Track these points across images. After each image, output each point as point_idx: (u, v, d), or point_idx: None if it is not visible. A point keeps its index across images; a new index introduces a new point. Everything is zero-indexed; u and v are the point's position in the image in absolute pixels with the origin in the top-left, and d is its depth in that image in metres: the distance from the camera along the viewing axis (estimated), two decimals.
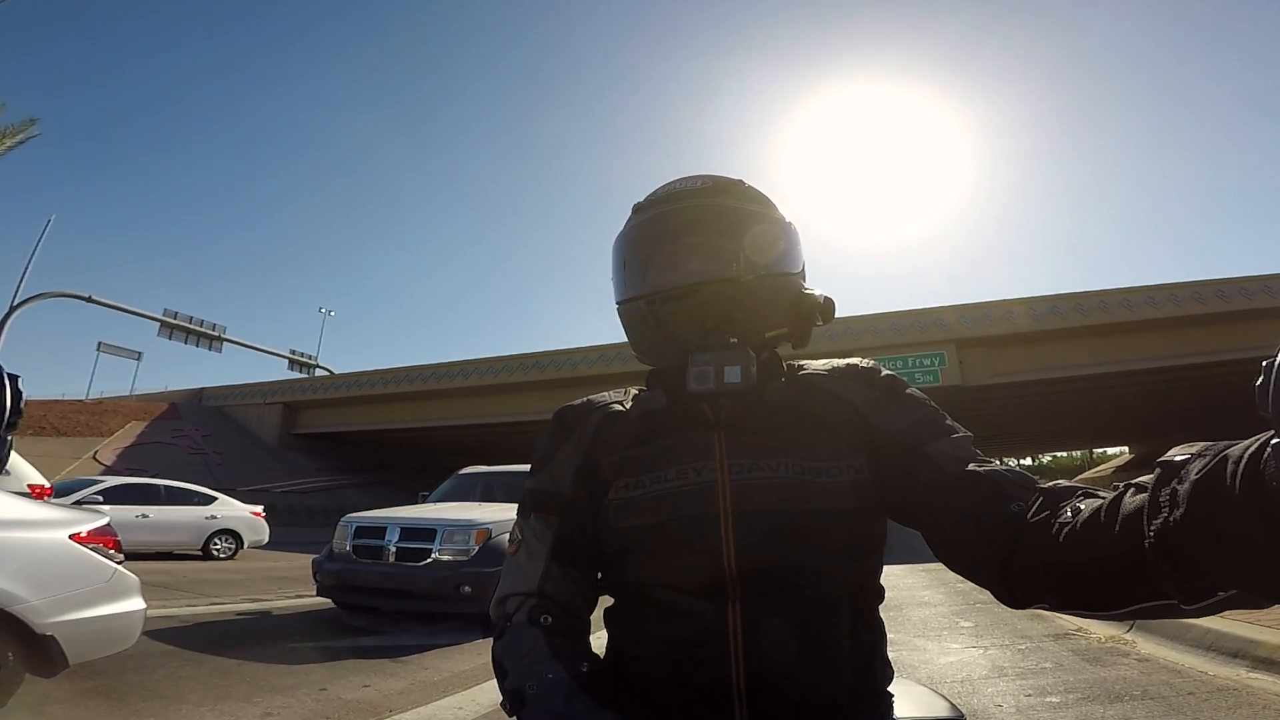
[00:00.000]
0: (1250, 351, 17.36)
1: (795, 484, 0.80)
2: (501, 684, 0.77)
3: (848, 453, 0.83)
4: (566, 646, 0.79)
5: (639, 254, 0.92)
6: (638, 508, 0.83)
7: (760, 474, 0.81)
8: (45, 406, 30.59)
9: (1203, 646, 4.43)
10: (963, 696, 3.72)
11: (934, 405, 0.87)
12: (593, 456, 0.89)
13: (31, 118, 16.92)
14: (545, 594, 0.83)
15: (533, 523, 0.87)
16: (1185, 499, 0.47)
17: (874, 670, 0.83)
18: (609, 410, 0.93)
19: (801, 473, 0.80)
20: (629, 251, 0.94)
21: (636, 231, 0.93)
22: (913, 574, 9.69)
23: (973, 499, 0.73)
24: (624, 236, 0.95)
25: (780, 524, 0.78)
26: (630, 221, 0.95)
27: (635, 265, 0.93)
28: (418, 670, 4.48)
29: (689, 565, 0.79)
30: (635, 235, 0.93)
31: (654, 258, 0.90)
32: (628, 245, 0.94)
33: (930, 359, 21.75)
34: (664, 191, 0.94)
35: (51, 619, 3.00)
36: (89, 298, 23.28)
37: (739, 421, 0.86)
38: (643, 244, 0.92)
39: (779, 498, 0.79)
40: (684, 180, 0.94)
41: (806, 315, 0.91)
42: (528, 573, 0.85)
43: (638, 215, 0.94)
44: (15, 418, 2.32)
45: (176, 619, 5.93)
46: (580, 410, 0.95)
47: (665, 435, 0.87)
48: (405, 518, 6.53)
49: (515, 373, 27.80)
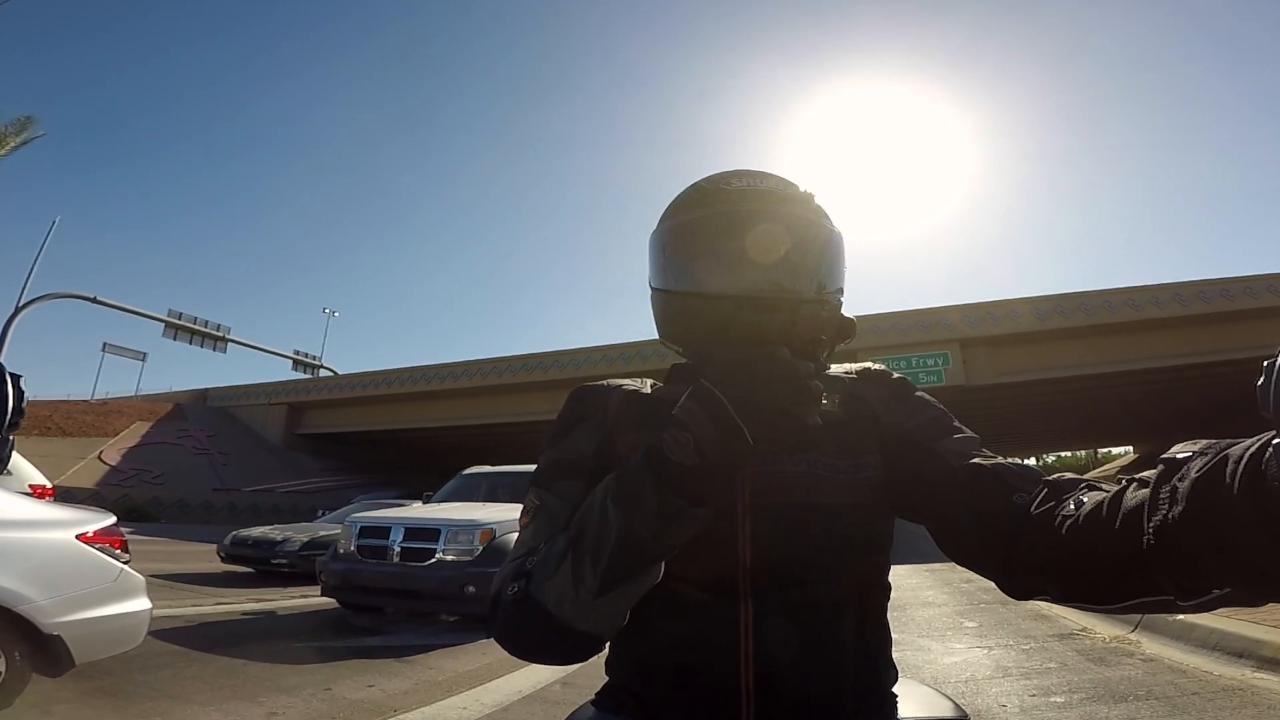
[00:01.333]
0: (1255, 351, 17.26)
1: (813, 479, 0.80)
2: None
3: (863, 450, 0.83)
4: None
5: (717, 247, 0.86)
6: None
7: (780, 466, 0.80)
8: (50, 407, 30.70)
9: (1208, 646, 4.42)
10: (967, 697, 3.71)
11: (942, 408, 0.88)
12: (613, 436, 0.85)
13: (34, 118, 17.03)
14: None
15: (556, 489, 0.81)
16: (1185, 496, 0.48)
17: (880, 670, 0.84)
18: (630, 391, 0.91)
19: (820, 468, 0.81)
20: (705, 242, 0.87)
21: (717, 221, 0.86)
22: (917, 574, 9.67)
23: (976, 491, 0.74)
24: (697, 223, 0.88)
25: (796, 518, 0.78)
26: (704, 208, 0.88)
27: (712, 259, 0.86)
28: (422, 670, 4.49)
29: (703, 559, 0.77)
30: (714, 225, 0.86)
31: (740, 258, 0.84)
32: (702, 234, 0.87)
33: (934, 359, 21.69)
34: (743, 185, 0.88)
35: (58, 619, 3.02)
36: (94, 299, 23.35)
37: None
38: (723, 238, 0.85)
39: (797, 492, 0.79)
40: (759, 177, 0.90)
41: (842, 337, 0.91)
42: (544, 536, 0.77)
43: (714, 204, 0.88)
44: (17, 418, 2.33)
45: (182, 619, 5.94)
46: (600, 390, 0.91)
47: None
48: (410, 518, 6.55)
49: (518, 373, 27.82)
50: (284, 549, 9.17)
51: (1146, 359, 20.80)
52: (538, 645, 0.71)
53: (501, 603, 0.71)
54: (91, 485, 24.31)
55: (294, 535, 9.46)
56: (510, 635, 0.72)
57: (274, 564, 9.16)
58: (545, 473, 0.84)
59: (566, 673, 4.47)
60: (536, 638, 0.69)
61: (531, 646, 0.72)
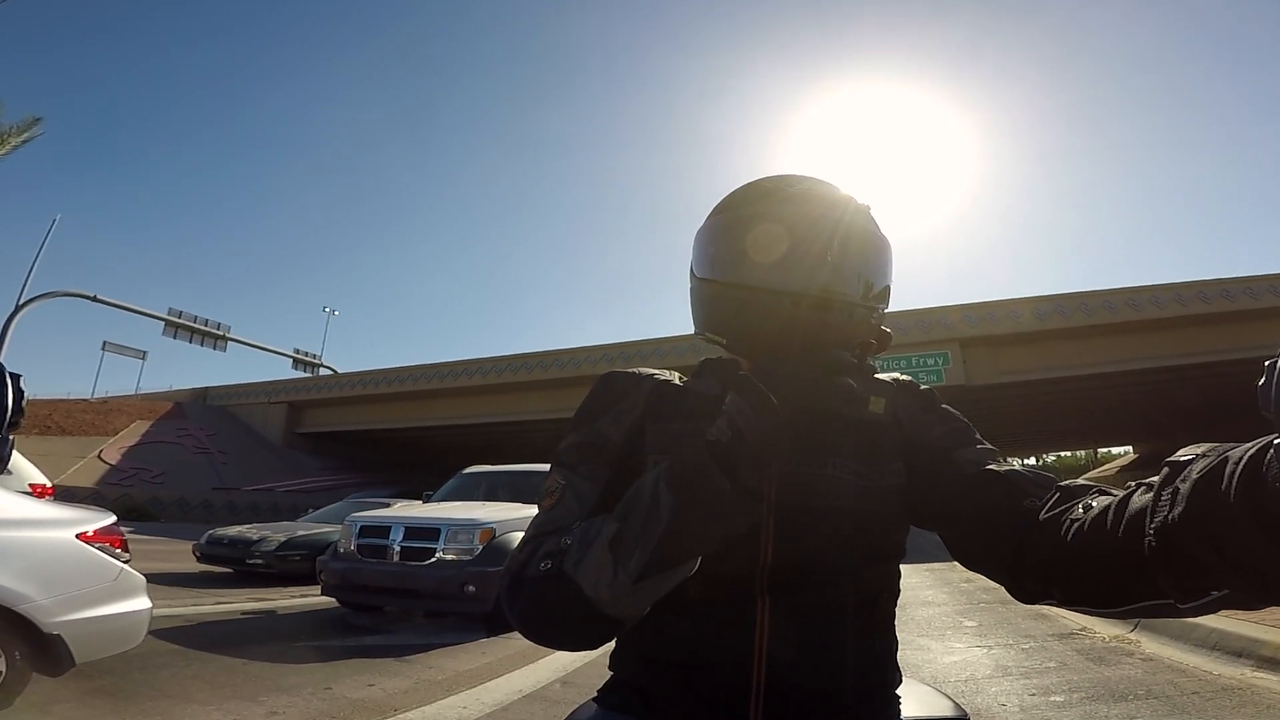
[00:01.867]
0: (1255, 351, 17.29)
1: (838, 483, 0.80)
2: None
3: (890, 458, 0.84)
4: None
5: (777, 243, 0.85)
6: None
7: (807, 469, 0.80)
8: (50, 406, 30.70)
9: (1207, 646, 4.42)
10: (967, 696, 3.71)
11: (965, 420, 0.90)
12: (642, 424, 0.85)
13: (36, 116, 17.02)
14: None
15: (582, 470, 0.80)
16: (1185, 498, 0.48)
17: (886, 672, 0.85)
18: (662, 382, 0.90)
19: (846, 473, 0.81)
20: (764, 238, 0.86)
21: (779, 216, 0.85)
22: (917, 573, 9.68)
23: (989, 496, 0.75)
24: (757, 219, 0.87)
25: (819, 521, 0.79)
26: (764, 205, 0.88)
27: (770, 254, 0.85)
28: (422, 669, 4.49)
29: (725, 556, 0.76)
30: (774, 221, 0.85)
31: (800, 257, 0.84)
32: (761, 229, 0.86)
33: (934, 358, 21.69)
34: (805, 188, 0.89)
35: (58, 618, 3.02)
36: (94, 297, 23.37)
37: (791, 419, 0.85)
38: (782, 236, 0.85)
39: (821, 495, 0.80)
40: (821, 183, 0.90)
41: (881, 346, 0.90)
42: (573, 515, 0.76)
43: (774, 202, 0.88)
44: (17, 417, 2.33)
45: (182, 618, 5.94)
46: (632, 376, 0.91)
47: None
48: (409, 517, 6.54)
49: (519, 372, 27.82)
50: (260, 549, 8.97)
51: (1147, 359, 20.81)
52: (560, 625, 0.69)
53: (525, 580, 0.69)
54: (91, 484, 24.30)
55: (270, 535, 9.27)
56: (533, 613, 0.69)
57: (249, 564, 8.97)
58: (571, 454, 0.83)
59: (567, 671, 4.48)
60: (562, 617, 0.68)
61: (554, 626, 0.69)
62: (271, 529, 9.74)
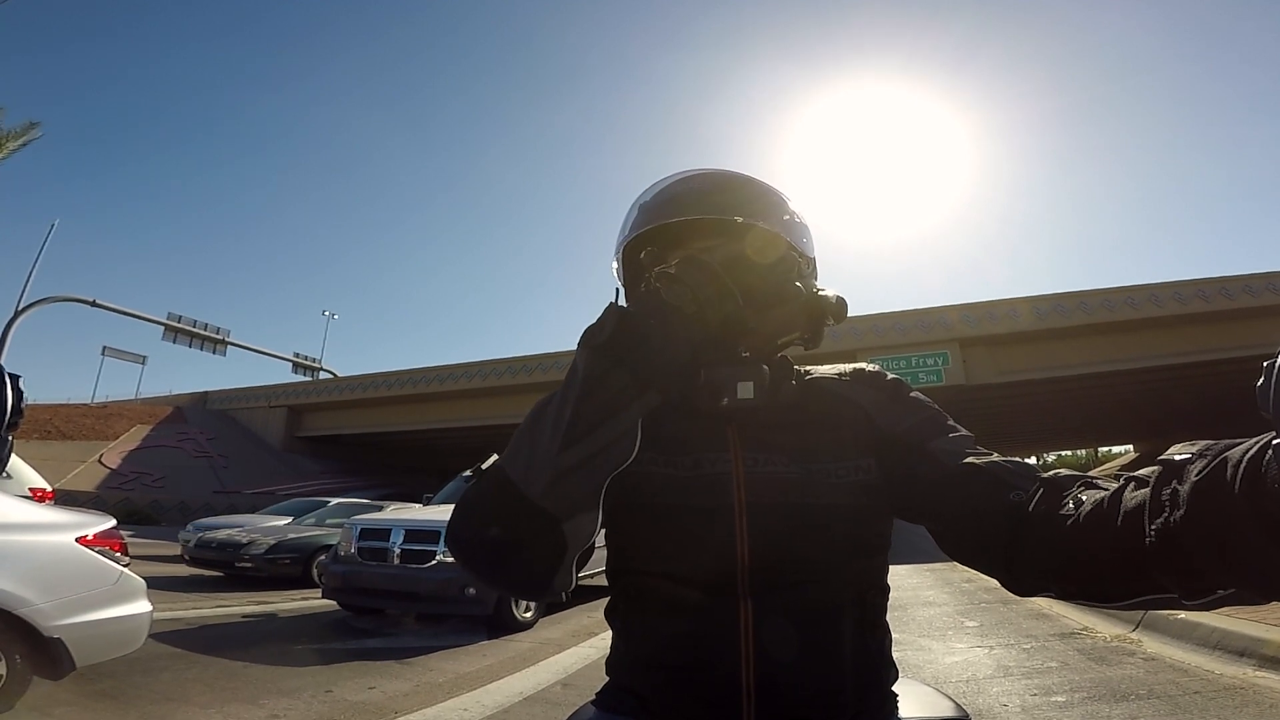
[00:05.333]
0: (1255, 349, 17.29)
1: (805, 480, 0.80)
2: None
3: (856, 454, 0.83)
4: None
5: (666, 193, 0.92)
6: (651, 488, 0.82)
7: (773, 468, 0.81)
8: (50, 410, 30.68)
9: (1209, 645, 4.41)
10: (968, 696, 3.71)
11: (937, 407, 0.88)
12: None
13: (34, 121, 17.04)
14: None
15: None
16: (1186, 500, 0.48)
17: (880, 669, 0.84)
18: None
19: (811, 471, 0.81)
20: (655, 196, 0.92)
21: (672, 184, 0.92)
22: (917, 574, 9.66)
23: (972, 490, 0.73)
24: (651, 192, 0.94)
25: (791, 518, 0.78)
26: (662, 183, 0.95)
27: (660, 203, 0.91)
28: (422, 672, 4.49)
29: (701, 559, 0.78)
30: (668, 185, 0.92)
31: (686, 195, 0.89)
32: (654, 194, 0.92)
33: (933, 358, 21.67)
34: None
35: (58, 621, 3.02)
36: (93, 302, 23.34)
37: (751, 416, 0.85)
38: (671, 187, 0.92)
39: (790, 492, 0.79)
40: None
41: (819, 316, 0.88)
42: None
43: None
44: (16, 418, 2.33)
45: (182, 621, 5.94)
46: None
47: (675, 422, 0.84)
48: (410, 520, 6.55)
49: (519, 375, 27.80)
50: (249, 552, 8.93)
51: (1146, 358, 20.79)
52: (487, 523, 0.68)
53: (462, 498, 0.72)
54: (92, 489, 24.27)
55: (260, 538, 9.23)
56: (461, 522, 0.70)
57: (239, 567, 8.94)
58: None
59: (567, 674, 4.48)
60: (491, 514, 0.68)
61: (483, 529, 0.69)
62: (261, 532, 9.71)
